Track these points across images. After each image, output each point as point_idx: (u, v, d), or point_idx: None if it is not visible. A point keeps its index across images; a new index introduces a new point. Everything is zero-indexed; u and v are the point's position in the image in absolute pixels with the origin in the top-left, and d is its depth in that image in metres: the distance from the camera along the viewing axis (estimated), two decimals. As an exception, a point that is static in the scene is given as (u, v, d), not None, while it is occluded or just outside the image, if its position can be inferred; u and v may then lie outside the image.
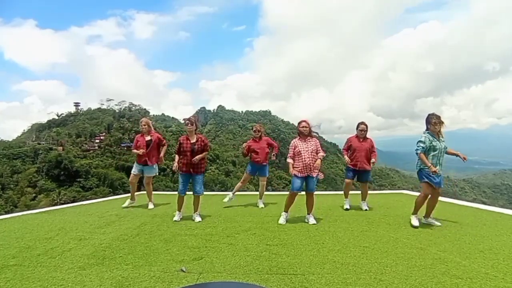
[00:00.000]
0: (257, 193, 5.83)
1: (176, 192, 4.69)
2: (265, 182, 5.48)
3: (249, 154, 5.32)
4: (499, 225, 3.92)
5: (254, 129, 5.41)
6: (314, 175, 4.11)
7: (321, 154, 4.13)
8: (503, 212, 4.69)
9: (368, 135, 5.05)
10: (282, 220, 4.19)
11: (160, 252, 3.05)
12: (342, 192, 5.54)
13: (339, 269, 2.56)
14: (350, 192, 5.29)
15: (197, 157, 4.23)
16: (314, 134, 4.25)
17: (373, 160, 5.02)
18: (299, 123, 4.23)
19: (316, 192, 4.29)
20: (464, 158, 3.94)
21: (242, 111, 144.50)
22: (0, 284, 2.37)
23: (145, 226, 4.08)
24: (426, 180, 3.87)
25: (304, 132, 4.12)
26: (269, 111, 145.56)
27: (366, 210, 4.96)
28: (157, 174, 5.53)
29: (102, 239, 3.50)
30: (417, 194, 6.76)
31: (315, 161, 4.07)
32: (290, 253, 2.95)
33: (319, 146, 4.17)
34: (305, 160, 4.04)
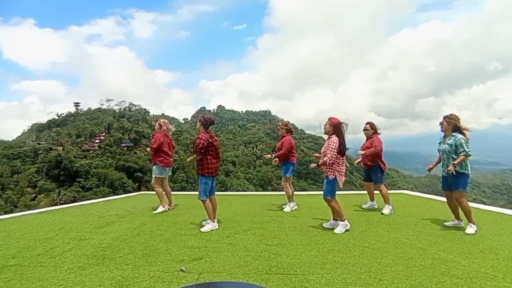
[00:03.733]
0: (256, 193, 5.82)
1: (176, 192, 4.65)
2: (284, 183, 5.12)
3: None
4: (499, 225, 3.92)
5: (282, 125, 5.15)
6: (324, 176, 3.81)
7: (325, 158, 3.67)
8: (503, 212, 4.68)
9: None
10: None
11: (160, 252, 3.04)
12: (341, 192, 5.51)
13: (339, 269, 2.56)
14: (349, 192, 5.21)
15: (188, 159, 4.19)
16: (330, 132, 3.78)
17: (362, 152, 4.80)
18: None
19: (316, 192, 4.26)
20: (449, 171, 3.55)
21: (242, 111, 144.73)
22: (0, 284, 2.37)
23: (145, 226, 4.08)
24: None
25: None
26: (269, 111, 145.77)
27: (382, 212, 4.72)
28: (156, 175, 5.32)
29: (102, 239, 3.50)
30: (417, 194, 6.80)
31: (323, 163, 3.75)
32: (290, 253, 2.95)
33: (327, 147, 3.69)
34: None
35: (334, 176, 3.70)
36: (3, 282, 2.40)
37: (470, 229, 3.60)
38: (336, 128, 3.72)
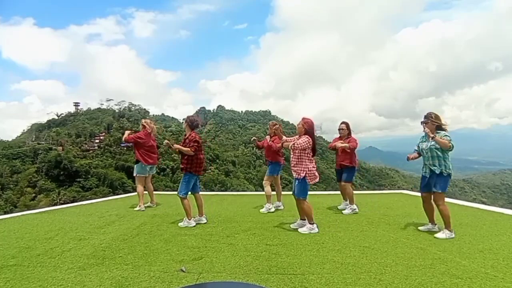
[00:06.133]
0: (256, 193, 5.81)
1: (175, 192, 4.63)
2: (264, 182, 5.16)
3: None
4: (499, 225, 3.92)
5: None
6: (295, 176, 3.78)
7: (291, 143, 3.73)
8: (503, 212, 4.69)
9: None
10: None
11: (160, 252, 3.05)
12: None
13: (339, 269, 2.56)
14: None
15: (177, 145, 4.12)
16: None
17: (343, 145, 4.77)
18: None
19: (315, 192, 4.26)
20: (429, 134, 3.50)
21: (242, 111, 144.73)
22: (0, 284, 2.37)
23: (145, 226, 4.08)
24: None
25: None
26: (269, 111, 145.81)
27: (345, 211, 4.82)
28: (137, 174, 5.34)
29: (102, 239, 3.50)
30: (417, 194, 6.77)
31: (294, 163, 3.75)
32: (290, 253, 2.95)
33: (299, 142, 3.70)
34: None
35: (304, 175, 3.68)
36: (3, 282, 2.40)
37: (442, 234, 3.42)
38: (308, 128, 3.76)
